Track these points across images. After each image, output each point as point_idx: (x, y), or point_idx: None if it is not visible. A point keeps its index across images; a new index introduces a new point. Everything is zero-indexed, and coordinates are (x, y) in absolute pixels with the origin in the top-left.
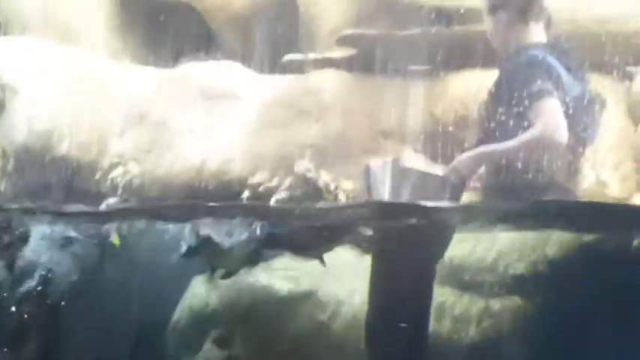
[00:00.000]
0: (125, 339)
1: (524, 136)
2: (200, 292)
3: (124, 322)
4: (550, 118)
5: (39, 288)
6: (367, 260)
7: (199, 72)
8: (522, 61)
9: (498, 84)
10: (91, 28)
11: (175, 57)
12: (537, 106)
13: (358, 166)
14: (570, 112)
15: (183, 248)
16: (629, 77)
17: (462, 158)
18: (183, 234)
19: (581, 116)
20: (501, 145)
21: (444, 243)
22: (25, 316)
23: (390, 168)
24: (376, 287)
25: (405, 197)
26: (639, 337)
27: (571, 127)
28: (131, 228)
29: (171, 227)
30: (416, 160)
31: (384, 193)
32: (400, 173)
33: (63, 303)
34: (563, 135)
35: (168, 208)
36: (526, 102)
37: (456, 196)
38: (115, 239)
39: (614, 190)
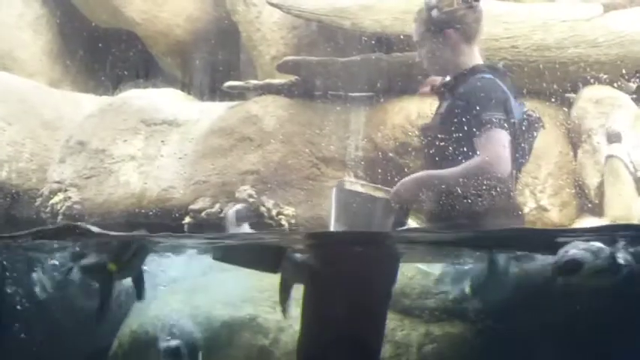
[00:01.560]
0: None
1: (467, 164)
2: (141, 316)
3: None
4: (494, 149)
5: None
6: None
7: (139, 99)
8: (475, 86)
9: (448, 108)
10: (31, 55)
11: (115, 83)
12: (485, 135)
13: (299, 192)
14: (515, 136)
15: None
16: (567, 104)
17: (405, 182)
18: None
19: (521, 141)
20: (444, 172)
21: (390, 271)
22: None
23: (336, 192)
24: (310, 314)
25: (350, 221)
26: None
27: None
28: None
29: None
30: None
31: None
32: (346, 197)
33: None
34: (505, 167)
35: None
36: (474, 129)
37: (400, 221)
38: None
39: (555, 215)
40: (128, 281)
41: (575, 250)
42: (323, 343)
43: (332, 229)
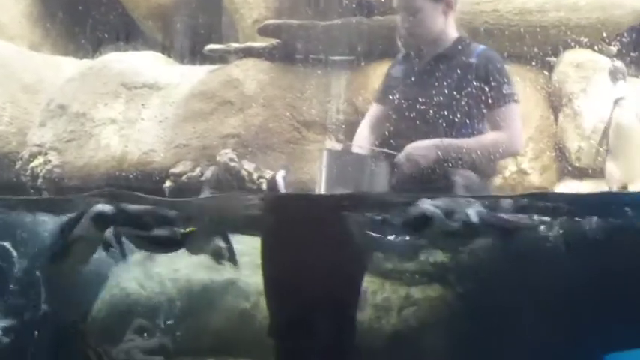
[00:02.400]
0: (45, 330)
1: (485, 137)
2: (121, 281)
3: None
4: (514, 124)
5: None
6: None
7: (120, 62)
8: (490, 57)
9: (453, 76)
10: (11, 19)
11: (96, 47)
12: (504, 109)
13: (280, 156)
14: None
15: None
16: (548, 68)
17: (418, 147)
18: None
19: None
20: (460, 142)
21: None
22: None
23: (328, 154)
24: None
25: (344, 183)
26: (559, 326)
27: None
28: None
29: None
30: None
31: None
32: (341, 159)
33: None
34: (521, 144)
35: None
36: (492, 102)
37: (401, 183)
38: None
39: (535, 179)
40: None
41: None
42: (293, 305)
43: (323, 191)
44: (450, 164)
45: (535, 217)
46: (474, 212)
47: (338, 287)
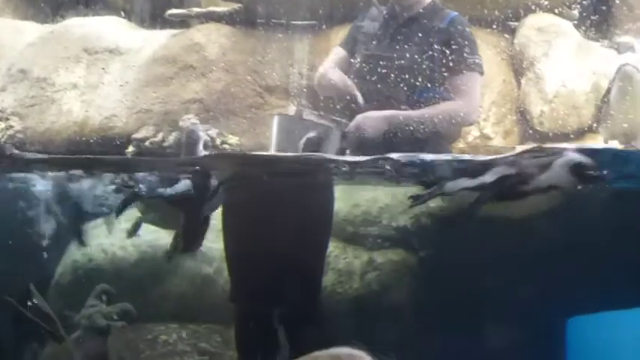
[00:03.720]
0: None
1: (442, 107)
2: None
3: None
4: (473, 94)
5: None
6: None
7: (81, 27)
8: (461, 23)
9: (419, 40)
10: None
11: (56, 10)
12: (466, 77)
13: (243, 121)
14: None
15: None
16: (510, 31)
17: (369, 117)
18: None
19: None
20: (415, 113)
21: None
22: None
23: (278, 119)
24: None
25: (292, 148)
26: (522, 287)
27: None
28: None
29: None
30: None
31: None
32: (289, 123)
33: None
34: (478, 113)
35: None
36: (457, 68)
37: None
38: None
39: (498, 143)
40: (71, 210)
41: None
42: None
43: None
44: (400, 134)
45: None
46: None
47: (301, 252)
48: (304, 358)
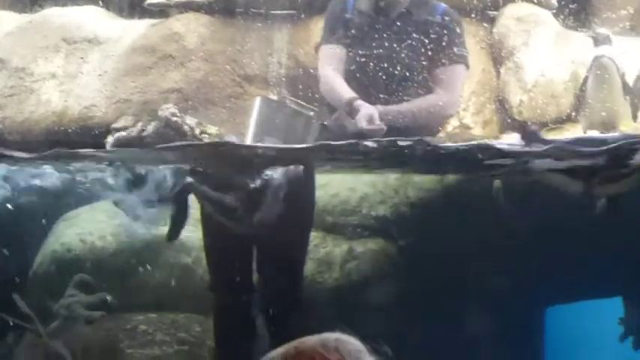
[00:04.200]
0: None
1: (425, 100)
2: (62, 236)
3: None
4: (456, 87)
5: None
6: None
7: (60, 16)
8: (450, 14)
9: (407, 32)
10: None
11: (33, 0)
12: (450, 70)
13: (222, 110)
14: None
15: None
16: (489, 20)
17: (365, 112)
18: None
19: None
20: (397, 107)
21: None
22: None
23: (259, 103)
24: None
25: (270, 134)
26: (503, 276)
27: None
28: None
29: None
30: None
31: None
32: (269, 109)
33: None
34: (458, 106)
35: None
36: (443, 60)
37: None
38: None
39: (477, 133)
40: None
41: None
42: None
43: (249, 141)
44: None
45: None
46: None
47: (282, 241)
48: (293, 342)
